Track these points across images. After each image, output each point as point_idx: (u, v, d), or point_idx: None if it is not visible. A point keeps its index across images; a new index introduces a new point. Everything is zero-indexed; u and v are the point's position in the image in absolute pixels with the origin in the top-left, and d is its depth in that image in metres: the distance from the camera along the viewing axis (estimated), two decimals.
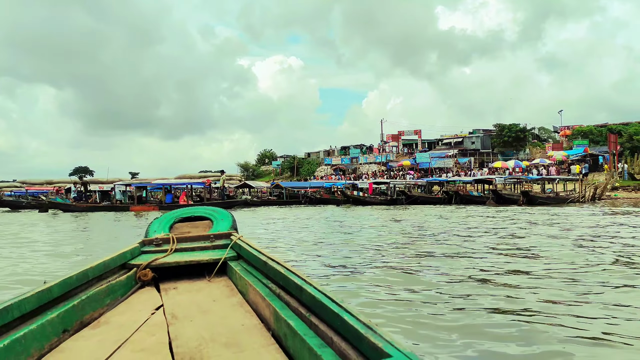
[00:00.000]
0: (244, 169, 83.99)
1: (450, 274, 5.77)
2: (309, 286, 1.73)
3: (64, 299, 2.05)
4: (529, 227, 12.68)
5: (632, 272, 5.80)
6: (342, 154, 71.27)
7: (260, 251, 2.56)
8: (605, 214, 17.33)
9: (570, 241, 9.07)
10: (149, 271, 2.68)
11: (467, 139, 62.64)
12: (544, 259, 6.93)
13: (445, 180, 37.30)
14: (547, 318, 3.82)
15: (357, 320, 1.33)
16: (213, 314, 2.14)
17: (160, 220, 3.76)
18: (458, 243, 9.14)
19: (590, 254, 7.27)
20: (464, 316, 3.93)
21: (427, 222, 14.90)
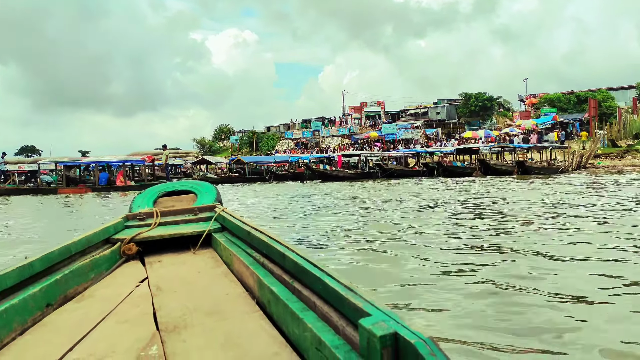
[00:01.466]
0: (201, 146, 78.94)
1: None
2: (291, 253, 1.68)
3: (46, 274, 1.98)
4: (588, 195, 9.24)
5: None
6: (303, 127, 67.09)
7: (244, 222, 2.46)
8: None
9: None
10: (133, 245, 2.60)
11: (432, 109, 59.49)
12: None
13: (424, 151, 33.76)
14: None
15: (337, 283, 1.30)
16: (197, 285, 2.09)
17: (143, 195, 3.57)
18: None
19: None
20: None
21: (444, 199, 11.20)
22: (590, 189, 13.33)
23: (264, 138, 68.06)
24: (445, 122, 56.31)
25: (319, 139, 61.81)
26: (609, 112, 45.76)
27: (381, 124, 59.42)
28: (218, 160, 40.56)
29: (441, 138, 52.18)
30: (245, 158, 38.96)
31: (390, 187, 19.55)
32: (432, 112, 59.14)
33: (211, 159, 39.36)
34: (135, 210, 3.22)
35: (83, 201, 16.48)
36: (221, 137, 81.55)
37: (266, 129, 74.38)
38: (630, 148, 34.50)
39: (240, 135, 74.37)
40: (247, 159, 38.04)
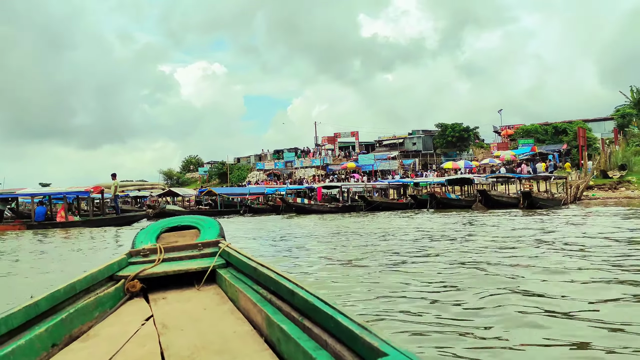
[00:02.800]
0: (168, 177, 74.82)
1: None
2: (301, 290, 1.63)
3: (51, 313, 1.92)
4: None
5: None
6: (275, 158, 63.88)
7: (250, 257, 2.39)
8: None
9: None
10: (137, 282, 2.49)
11: (407, 139, 57.27)
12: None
13: (411, 181, 30.94)
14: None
15: (351, 321, 1.26)
16: (204, 322, 2.01)
17: (146, 230, 3.45)
18: None
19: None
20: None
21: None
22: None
23: (234, 169, 64.58)
24: (421, 153, 54.08)
25: (291, 170, 58.70)
26: (588, 144, 44.28)
27: (355, 154, 56.84)
28: (186, 192, 36.91)
29: (418, 169, 49.88)
30: (216, 189, 35.37)
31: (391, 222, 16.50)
32: (407, 142, 56.91)
33: (178, 191, 35.72)
34: (138, 247, 3.08)
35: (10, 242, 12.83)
36: (189, 169, 77.63)
37: (236, 160, 70.88)
38: (622, 179, 32.53)
39: (209, 167, 70.68)
40: (218, 191, 34.46)
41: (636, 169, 35.39)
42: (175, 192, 34.92)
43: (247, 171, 64.24)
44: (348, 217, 21.92)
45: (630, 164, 35.39)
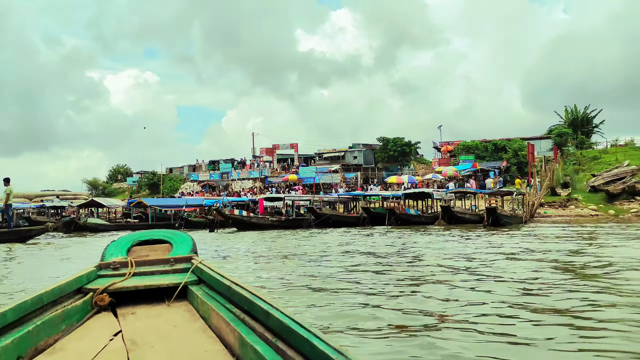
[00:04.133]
0: (93, 187, 68.77)
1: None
2: (275, 311, 1.59)
3: (18, 324, 1.82)
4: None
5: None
6: (210, 168, 59.95)
7: (223, 275, 2.28)
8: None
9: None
10: (106, 296, 2.36)
11: (348, 153, 55.17)
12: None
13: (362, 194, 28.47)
14: None
15: (326, 345, 1.23)
16: (174, 340, 1.93)
17: (117, 243, 3.24)
18: None
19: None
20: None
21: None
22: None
23: (165, 180, 60.05)
24: (362, 167, 52.17)
25: (228, 181, 55.11)
26: (526, 161, 44.00)
27: (295, 167, 54.12)
28: (112, 203, 32.59)
29: (361, 184, 47.91)
30: (148, 200, 31.31)
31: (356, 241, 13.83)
32: (348, 156, 54.79)
33: (103, 201, 31.39)
34: (108, 259, 2.92)
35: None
36: (117, 179, 71.91)
37: (168, 170, 66.18)
38: (570, 197, 31.77)
39: (138, 177, 65.54)
40: (150, 202, 30.44)
41: (579, 187, 34.95)
42: (99, 202, 30.63)
43: (180, 182, 59.94)
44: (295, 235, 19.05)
45: (573, 182, 34.89)
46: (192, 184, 57.28)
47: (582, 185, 35.36)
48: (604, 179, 33.85)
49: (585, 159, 42.58)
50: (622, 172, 34.92)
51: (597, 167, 39.27)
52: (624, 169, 35.49)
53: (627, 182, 32.42)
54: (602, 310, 4.64)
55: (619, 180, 33.77)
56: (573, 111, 49.64)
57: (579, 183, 35.29)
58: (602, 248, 10.58)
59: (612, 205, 30.15)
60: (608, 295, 5.29)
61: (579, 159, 42.67)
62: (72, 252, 13.34)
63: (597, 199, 31.73)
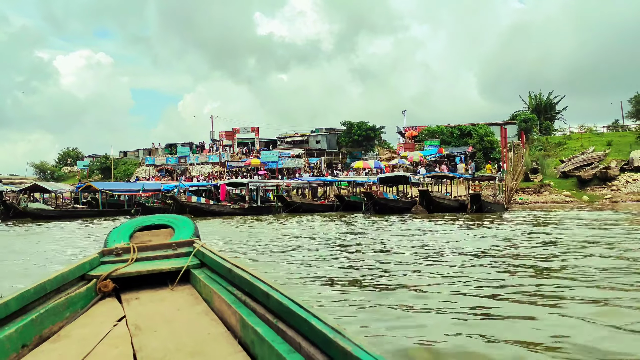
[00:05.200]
0: (41, 171, 64.09)
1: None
2: (275, 292, 1.59)
3: (21, 313, 1.81)
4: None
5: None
6: (167, 152, 56.55)
7: (225, 258, 2.30)
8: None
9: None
10: (109, 282, 2.37)
11: (311, 137, 53.00)
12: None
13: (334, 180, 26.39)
14: None
15: (325, 325, 1.24)
16: (177, 324, 1.92)
17: (119, 229, 3.23)
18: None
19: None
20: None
21: None
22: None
23: (119, 164, 56.31)
24: (326, 152, 50.15)
25: (186, 166, 52.04)
26: (491, 147, 43.06)
27: (255, 152, 51.53)
28: (58, 188, 29.30)
29: (324, 168, 45.94)
30: (98, 184, 28.17)
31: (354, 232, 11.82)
32: (311, 140, 52.66)
33: (48, 186, 28.12)
34: (111, 245, 2.93)
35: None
36: (67, 162, 67.33)
37: (122, 154, 62.28)
38: (543, 182, 30.72)
39: (90, 161, 61.36)
40: (101, 186, 27.36)
41: (548, 172, 34.08)
42: (43, 187, 27.38)
43: (134, 166, 56.35)
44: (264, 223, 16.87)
45: (543, 167, 33.97)
46: (148, 169, 53.88)
47: (550, 170, 34.54)
48: (573, 165, 33.07)
49: (550, 145, 41.98)
50: (590, 157, 34.26)
51: (563, 152, 38.62)
52: (591, 155, 34.87)
53: (597, 168, 31.73)
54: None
55: (588, 165, 33.07)
56: (537, 97, 48.99)
57: (547, 168, 34.43)
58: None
59: (584, 192, 29.28)
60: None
61: (544, 144, 42.02)
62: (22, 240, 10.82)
63: (568, 184, 30.86)
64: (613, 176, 29.55)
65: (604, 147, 37.94)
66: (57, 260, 8.24)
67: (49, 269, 6.87)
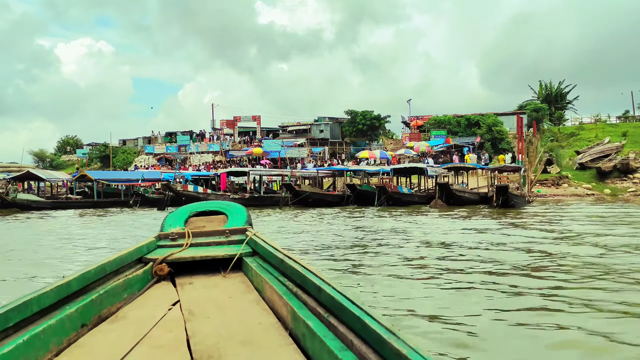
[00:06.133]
0: (40, 159, 62.33)
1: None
2: (327, 286, 1.54)
3: (82, 293, 1.85)
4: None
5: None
6: (167, 141, 54.69)
7: (277, 248, 2.27)
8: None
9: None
10: (165, 266, 2.41)
11: (314, 126, 51.13)
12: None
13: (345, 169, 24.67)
14: None
15: (379, 324, 1.19)
16: (229, 311, 1.93)
17: (175, 214, 3.27)
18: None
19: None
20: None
21: None
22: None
23: (118, 152, 54.49)
24: (329, 141, 48.35)
25: (186, 155, 50.22)
26: (500, 137, 41.35)
27: (257, 141, 49.68)
28: (53, 176, 27.51)
29: (328, 158, 44.21)
30: (93, 173, 26.32)
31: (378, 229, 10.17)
32: (314, 129, 50.79)
33: (41, 174, 26.35)
34: (167, 230, 2.96)
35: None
36: (66, 150, 65.44)
37: (122, 142, 60.42)
38: (560, 174, 29.02)
39: (89, 149, 59.50)
40: (96, 175, 25.50)
41: (564, 164, 32.40)
42: (37, 174, 25.63)
43: (134, 155, 54.51)
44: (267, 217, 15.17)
45: (558, 159, 32.27)
46: (148, 157, 52.07)
47: (565, 161, 32.86)
48: (590, 156, 31.37)
49: (562, 135, 40.28)
50: (607, 149, 32.57)
51: (577, 143, 36.95)
52: (608, 146, 33.17)
53: (615, 160, 30.04)
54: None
55: (605, 157, 31.39)
56: (548, 86, 47.17)
57: (562, 160, 32.74)
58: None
59: (604, 184, 27.60)
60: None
61: (556, 134, 40.31)
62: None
63: (586, 176, 29.18)
64: (635, 168, 27.85)
65: (618, 138, 36.26)
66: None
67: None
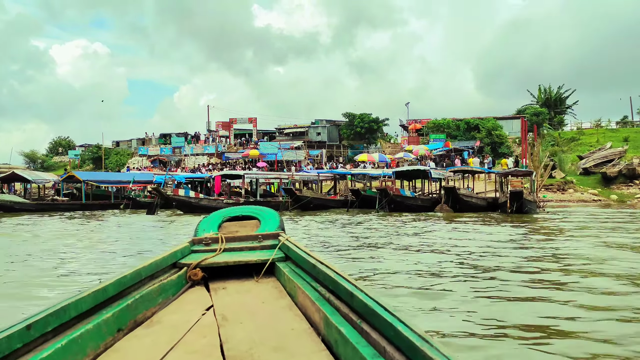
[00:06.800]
0: (31, 160, 60.92)
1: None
2: (360, 292, 1.54)
3: (118, 298, 1.87)
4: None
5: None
6: (161, 142, 53.43)
7: (309, 253, 2.25)
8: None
9: None
10: (199, 271, 2.40)
11: (312, 129, 50.03)
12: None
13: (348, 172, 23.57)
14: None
15: (412, 332, 1.18)
16: (262, 316, 1.93)
17: (208, 219, 3.25)
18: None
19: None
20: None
21: None
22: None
23: (111, 154, 53.17)
24: (327, 144, 47.27)
25: (180, 157, 49.00)
26: (500, 141, 40.41)
27: (253, 143, 48.51)
28: (39, 177, 26.20)
29: (325, 161, 43.14)
30: (81, 174, 25.02)
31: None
32: (311, 132, 49.69)
33: (28, 175, 25.05)
34: (201, 235, 2.92)
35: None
36: (58, 152, 64.03)
37: (115, 143, 59.09)
38: (566, 179, 28.05)
39: (82, 150, 58.12)
40: (85, 176, 24.22)
41: (567, 168, 31.46)
42: (23, 175, 24.33)
43: (127, 156, 53.22)
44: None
45: (561, 163, 31.31)
46: (141, 159, 50.86)
47: (567, 166, 31.91)
48: (594, 161, 30.44)
49: (563, 140, 39.39)
50: (610, 154, 31.68)
51: (579, 148, 36.05)
52: (611, 151, 32.28)
53: (619, 165, 29.13)
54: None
55: (609, 162, 30.49)
56: (547, 90, 46.30)
57: (565, 165, 31.79)
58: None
59: (610, 190, 26.64)
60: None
61: (556, 139, 39.40)
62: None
63: (591, 182, 28.22)
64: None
65: (620, 143, 35.44)
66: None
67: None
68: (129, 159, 52.06)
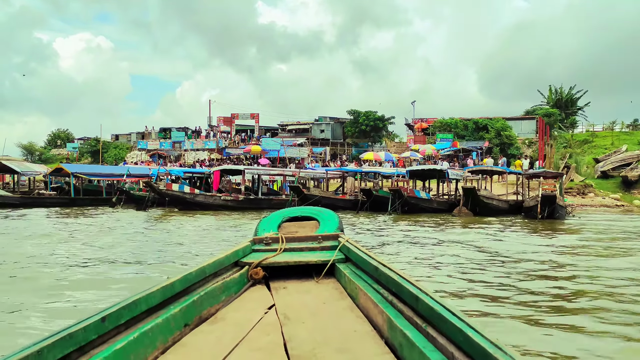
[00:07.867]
0: (28, 152, 59.22)
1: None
2: (425, 295, 1.49)
3: (184, 294, 1.88)
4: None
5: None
6: (161, 137, 51.64)
7: (370, 255, 2.21)
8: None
9: None
10: (260, 270, 2.41)
11: (315, 126, 48.28)
12: None
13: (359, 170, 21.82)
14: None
15: (483, 338, 1.12)
16: (324, 317, 1.89)
17: (269, 219, 3.32)
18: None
19: None
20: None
21: None
22: None
23: (110, 147, 51.43)
24: (331, 142, 45.54)
25: (180, 151, 47.23)
26: (509, 142, 38.70)
27: (255, 139, 46.77)
28: (29, 169, 24.42)
29: (329, 159, 41.44)
30: (70, 166, 23.13)
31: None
32: (315, 129, 47.94)
33: (16, 166, 23.25)
34: (261, 234, 2.97)
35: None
36: (56, 144, 62.26)
37: (114, 137, 57.31)
38: (585, 182, 26.34)
39: (80, 143, 56.34)
40: (73, 168, 22.35)
41: (582, 171, 29.76)
42: (10, 167, 22.56)
43: (126, 150, 51.46)
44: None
45: (578, 166, 29.59)
46: (140, 153, 49.03)
47: (582, 169, 30.22)
48: (612, 164, 28.73)
49: (575, 142, 37.67)
50: (628, 157, 29.95)
51: (593, 150, 34.33)
52: (629, 154, 30.57)
53: (637, 168, 27.46)
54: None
55: (627, 165, 28.79)
56: (558, 91, 44.53)
57: (581, 167, 30.09)
58: None
59: (631, 195, 24.94)
60: None
61: (569, 141, 37.68)
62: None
63: (610, 185, 26.52)
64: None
65: (635, 146, 33.75)
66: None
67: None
68: (128, 153, 50.33)
